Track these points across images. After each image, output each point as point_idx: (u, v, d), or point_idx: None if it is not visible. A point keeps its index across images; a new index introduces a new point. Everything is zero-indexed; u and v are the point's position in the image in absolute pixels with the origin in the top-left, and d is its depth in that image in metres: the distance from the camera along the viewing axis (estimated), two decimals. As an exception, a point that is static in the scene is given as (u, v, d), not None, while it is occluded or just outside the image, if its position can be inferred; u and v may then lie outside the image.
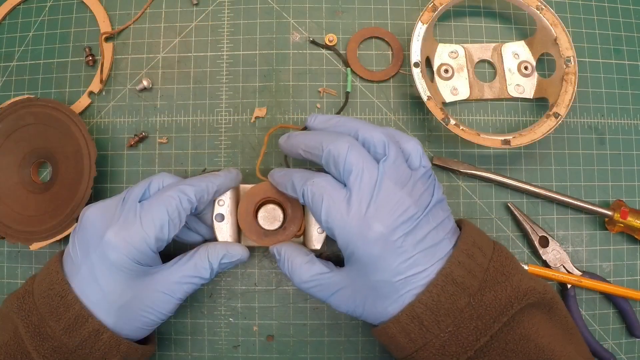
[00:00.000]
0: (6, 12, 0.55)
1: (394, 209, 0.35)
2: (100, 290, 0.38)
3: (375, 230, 0.35)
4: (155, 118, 0.53)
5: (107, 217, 0.39)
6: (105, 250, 0.37)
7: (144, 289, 0.39)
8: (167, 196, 0.39)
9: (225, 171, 0.44)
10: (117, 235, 0.37)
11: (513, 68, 0.53)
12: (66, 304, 0.37)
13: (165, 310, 0.40)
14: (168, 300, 0.40)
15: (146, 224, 0.38)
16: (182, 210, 0.39)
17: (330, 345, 0.50)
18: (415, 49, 0.49)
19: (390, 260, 0.35)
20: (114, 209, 0.39)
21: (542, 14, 0.50)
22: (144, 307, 0.39)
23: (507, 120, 0.53)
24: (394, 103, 0.53)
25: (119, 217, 0.38)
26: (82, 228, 0.39)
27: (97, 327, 0.37)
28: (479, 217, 0.51)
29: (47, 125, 0.48)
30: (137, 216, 0.38)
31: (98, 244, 0.38)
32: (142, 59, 0.53)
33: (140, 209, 0.38)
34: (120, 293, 0.38)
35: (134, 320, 0.39)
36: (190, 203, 0.39)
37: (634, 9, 0.55)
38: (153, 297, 0.39)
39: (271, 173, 0.43)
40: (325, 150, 0.38)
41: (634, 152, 0.53)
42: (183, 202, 0.39)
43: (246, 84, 0.53)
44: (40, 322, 0.37)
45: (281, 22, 0.54)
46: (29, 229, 0.47)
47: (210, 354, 0.50)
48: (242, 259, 0.42)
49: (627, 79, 0.54)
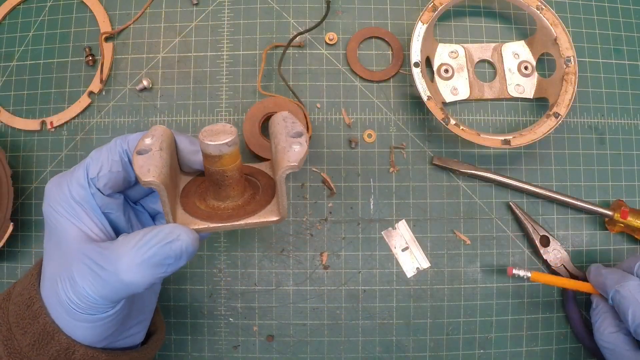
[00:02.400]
0: (6, 12, 0.55)
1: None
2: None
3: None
4: (155, 118, 0.53)
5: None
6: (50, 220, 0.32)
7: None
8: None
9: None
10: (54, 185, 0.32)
11: (513, 68, 0.53)
12: (32, 315, 0.31)
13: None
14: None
15: (77, 167, 0.33)
16: (115, 148, 0.33)
17: (330, 345, 0.50)
18: (415, 49, 0.49)
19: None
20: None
21: (542, 13, 0.50)
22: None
23: (507, 120, 0.53)
24: (394, 103, 0.53)
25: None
26: (44, 217, 0.33)
27: (67, 344, 0.31)
28: (479, 217, 0.51)
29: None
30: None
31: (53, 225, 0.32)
32: (142, 59, 0.53)
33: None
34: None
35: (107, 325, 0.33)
36: (118, 143, 0.33)
37: (634, 9, 0.55)
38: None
39: (590, 270, 0.47)
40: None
41: (634, 152, 0.53)
42: (116, 143, 0.33)
43: (246, 84, 0.53)
44: (8, 333, 0.32)
45: (281, 22, 0.54)
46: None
47: (210, 354, 0.50)
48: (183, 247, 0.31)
49: (627, 79, 0.54)
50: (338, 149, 0.52)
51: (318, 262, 0.50)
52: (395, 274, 0.50)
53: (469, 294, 0.50)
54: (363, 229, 0.51)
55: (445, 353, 0.50)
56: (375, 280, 0.50)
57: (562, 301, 0.50)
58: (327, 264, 0.50)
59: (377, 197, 0.51)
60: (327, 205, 0.51)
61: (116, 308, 0.31)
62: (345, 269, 0.50)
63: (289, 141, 0.30)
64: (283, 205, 0.31)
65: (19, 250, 0.51)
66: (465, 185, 0.52)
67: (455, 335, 0.50)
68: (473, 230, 0.51)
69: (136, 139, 0.33)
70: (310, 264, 0.50)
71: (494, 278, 0.50)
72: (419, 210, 0.51)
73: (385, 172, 0.52)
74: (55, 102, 0.53)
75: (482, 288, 0.50)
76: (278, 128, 0.32)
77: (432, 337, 0.50)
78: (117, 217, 0.34)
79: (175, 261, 0.30)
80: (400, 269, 0.50)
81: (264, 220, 0.31)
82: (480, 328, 0.50)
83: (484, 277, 0.50)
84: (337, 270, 0.50)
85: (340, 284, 0.50)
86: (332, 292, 0.50)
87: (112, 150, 0.32)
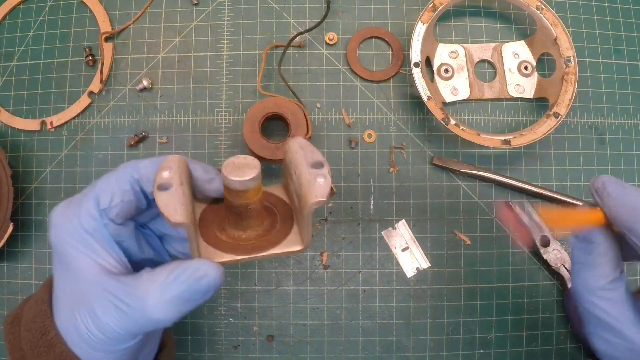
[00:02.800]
0: (6, 12, 0.55)
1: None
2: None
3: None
4: (155, 118, 0.53)
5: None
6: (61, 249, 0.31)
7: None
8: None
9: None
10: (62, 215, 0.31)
11: (513, 68, 0.53)
12: (47, 344, 0.31)
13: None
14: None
15: (86, 198, 0.31)
16: (124, 177, 0.32)
17: (330, 345, 0.50)
18: (415, 49, 0.49)
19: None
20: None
21: (542, 13, 0.50)
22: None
23: (507, 120, 0.53)
24: (394, 103, 0.53)
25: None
26: (52, 247, 0.32)
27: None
28: (479, 217, 0.51)
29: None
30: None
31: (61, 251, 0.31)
32: (142, 59, 0.53)
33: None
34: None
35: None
36: (134, 170, 0.32)
37: (634, 9, 0.55)
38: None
39: (606, 187, 0.32)
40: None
41: (634, 152, 0.53)
42: (125, 172, 0.32)
43: (246, 84, 0.53)
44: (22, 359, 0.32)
45: (281, 22, 0.54)
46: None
47: (210, 354, 0.50)
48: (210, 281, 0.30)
49: (627, 79, 0.54)
50: (338, 149, 0.52)
51: (318, 262, 0.50)
52: (395, 274, 0.50)
53: (469, 294, 0.50)
54: (363, 229, 0.51)
55: (445, 353, 0.50)
56: (375, 280, 0.50)
57: (562, 301, 0.50)
58: (327, 264, 0.50)
59: (377, 197, 0.51)
60: (327, 205, 0.51)
61: (137, 339, 0.31)
62: (345, 269, 0.50)
63: (312, 173, 0.29)
64: (308, 237, 0.31)
65: (19, 250, 0.51)
66: (465, 185, 0.52)
67: (455, 335, 0.50)
68: (473, 230, 0.51)
69: (147, 166, 0.32)
70: (310, 264, 0.50)
71: (494, 278, 0.50)
72: (419, 210, 0.51)
73: (385, 172, 0.52)
74: (55, 102, 0.53)
75: (482, 288, 0.50)
76: (297, 157, 0.31)
77: (432, 337, 0.50)
78: (129, 244, 0.33)
79: (203, 296, 0.29)
80: (400, 269, 0.50)
81: (288, 251, 0.31)
82: (480, 328, 0.50)
83: (484, 277, 0.50)
84: (337, 270, 0.50)
85: (340, 284, 0.50)
86: (332, 292, 0.50)
87: (121, 179, 0.32)
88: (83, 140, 0.52)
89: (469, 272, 0.51)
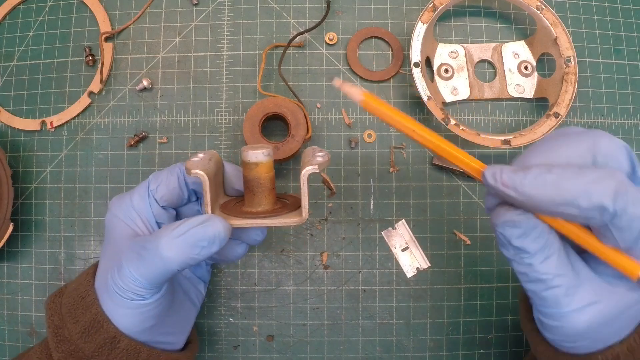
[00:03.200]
0: (6, 12, 0.55)
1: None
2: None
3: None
4: (155, 118, 0.53)
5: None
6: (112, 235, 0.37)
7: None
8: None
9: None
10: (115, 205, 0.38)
11: (513, 68, 0.53)
12: (85, 305, 0.36)
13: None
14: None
15: (141, 184, 0.39)
16: (174, 169, 0.39)
17: (330, 345, 0.50)
18: (415, 49, 0.49)
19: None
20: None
21: (542, 13, 0.50)
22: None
23: (507, 120, 0.53)
24: (394, 103, 0.53)
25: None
26: (105, 226, 0.39)
27: (114, 333, 0.35)
28: (479, 217, 0.51)
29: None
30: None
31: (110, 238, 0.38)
32: (142, 59, 0.53)
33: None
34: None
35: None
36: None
37: (634, 9, 0.55)
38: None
39: (508, 177, 0.28)
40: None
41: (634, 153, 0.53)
42: (176, 165, 0.40)
43: (246, 84, 0.53)
44: (60, 322, 0.36)
45: (281, 22, 0.54)
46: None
47: (210, 354, 0.50)
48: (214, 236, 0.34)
49: (627, 79, 0.54)
50: (338, 149, 0.52)
51: (318, 262, 0.50)
52: (395, 274, 0.50)
53: (469, 294, 0.50)
54: (363, 229, 0.51)
55: (445, 353, 0.50)
56: (375, 280, 0.50)
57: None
58: (327, 264, 0.50)
59: (377, 197, 0.51)
60: (327, 205, 0.51)
61: (155, 297, 0.35)
62: (345, 269, 0.50)
63: (314, 156, 0.36)
64: (305, 206, 0.35)
65: (19, 250, 0.51)
66: (465, 185, 0.52)
67: (455, 335, 0.50)
68: (473, 230, 0.51)
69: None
70: (310, 264, 0.50)
71: (494, 278, 0.50)
72: (419, 210, 0.51)
73: (385, 172, 0.52)
74: (55, 102, 0.53)
75: (482, 288, 0.50)
76: (306, 151, 0.39)
77: (432, 337, 0.50)
78: None
79: (209, 244, 0.33)
80: (400, 269, 0.50)
81: (287, 220, 0.36)
82: (480, 328, 0.50)
83: (484, 277, 0.50)
84: (337, 270, 0.50)
85: (340, 284, 0.50)
86: (332, 292, 0.50)
87: (171, 170, 0.39)
88: (83, 140, 0.52)
89: (469, 272, 0.51)
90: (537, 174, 0.27)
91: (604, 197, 0.26)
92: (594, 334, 0.30)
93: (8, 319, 0.50)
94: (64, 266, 0.51)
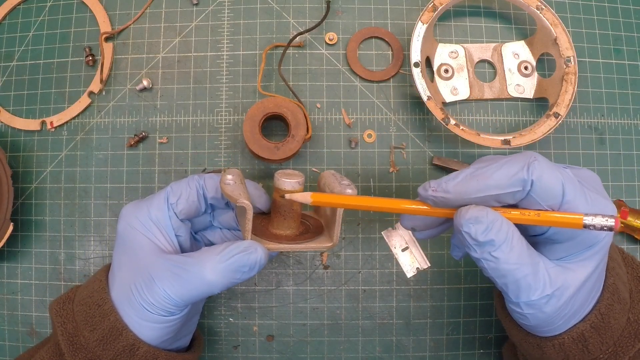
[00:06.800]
0: (6, 12, 0.55)
1: None
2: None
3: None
4: (155, 118, 0.53)
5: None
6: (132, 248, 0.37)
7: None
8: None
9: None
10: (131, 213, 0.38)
11: (513, 68, 0.53)
12: (102, 314, 0.36)
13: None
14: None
15: (158, 195, 0.39)
16: (192, 182, 0.39)
17: (330, 345, 0.50)
18: (415, 49, 0.49)
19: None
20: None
21: (542, 14, 0.50)
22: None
23: (507, 120, 0.53)
24: (394, 103, 0.53)
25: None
26: (118, 234, 0.38)
27: (133, 341, 0.35)
28: (479, 217, 0.51)
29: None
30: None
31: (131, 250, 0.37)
32: (142, 59, 0.53)
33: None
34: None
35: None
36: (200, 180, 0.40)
37: (634, 9, 0.55)
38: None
39: (437, 185, 0.33)
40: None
41: (634, 152, 0.53)
42: (194, 178, 0.40)
43: (246, 84, 0.53)
44: (75, 330, 0.36)
45: (281, 22, 0.54)
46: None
47: (210, 354, 0.50)
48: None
49: (627, 79, 0.54)
50: (338, 149, 0.52)
51: (318, 262, 0.50)
52: (395, 274, 0.50)
53: (469, 294, 0.50)
54: (363, 229, 0.51)
55: (445, 353, 0.50)
56: (375, 280, 0.50)
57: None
58: (327, 264, 0.50)
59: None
60: (327, 205, 0.51)
61: (183, 312, 0.36)
62: (345, 269, 0.50)
63: (342, 186, 0.37)
64: (337, 233, 0.37)
65: (19, 250, 0.51)
66: (465, 185, 0.52)
67: (455, 335, 0.50)
68: (473, 230, 0.51)
69: (212, 178, 0.40)
70: (310, 264, 0.50)
71: (494, 278, 0.50)
72: (419, 210, 0.51)
73: (385, 172, 0.52)
74: (55, 102, 0.53)
75: (482, 288, 0.50)
76: (331, 180, 0.39)
77: (432, 337, 0.50)
78: (184, 240, 0.39)
79: (249, 270, 0.34)
80: (400, 269, 0.50)
81: (321, 245, 0.38)
82: (480, 328, 0.50)
83: (484, 277, 0.50)
84: (337, 270, 0.50)
85: (340, 284, 0.50)
86: (332, 292, 0.50)
87: (190, 183, 0.39)
88: (83, 140, 0.52)
89: (469, 272, 0.51)
90: (459, 173, 0.32)
91: (520, 171, 0.30)
92: (561, 313, 0.32)
93: (8, 319, 0.50)
94: (64, 266, 0.51)
